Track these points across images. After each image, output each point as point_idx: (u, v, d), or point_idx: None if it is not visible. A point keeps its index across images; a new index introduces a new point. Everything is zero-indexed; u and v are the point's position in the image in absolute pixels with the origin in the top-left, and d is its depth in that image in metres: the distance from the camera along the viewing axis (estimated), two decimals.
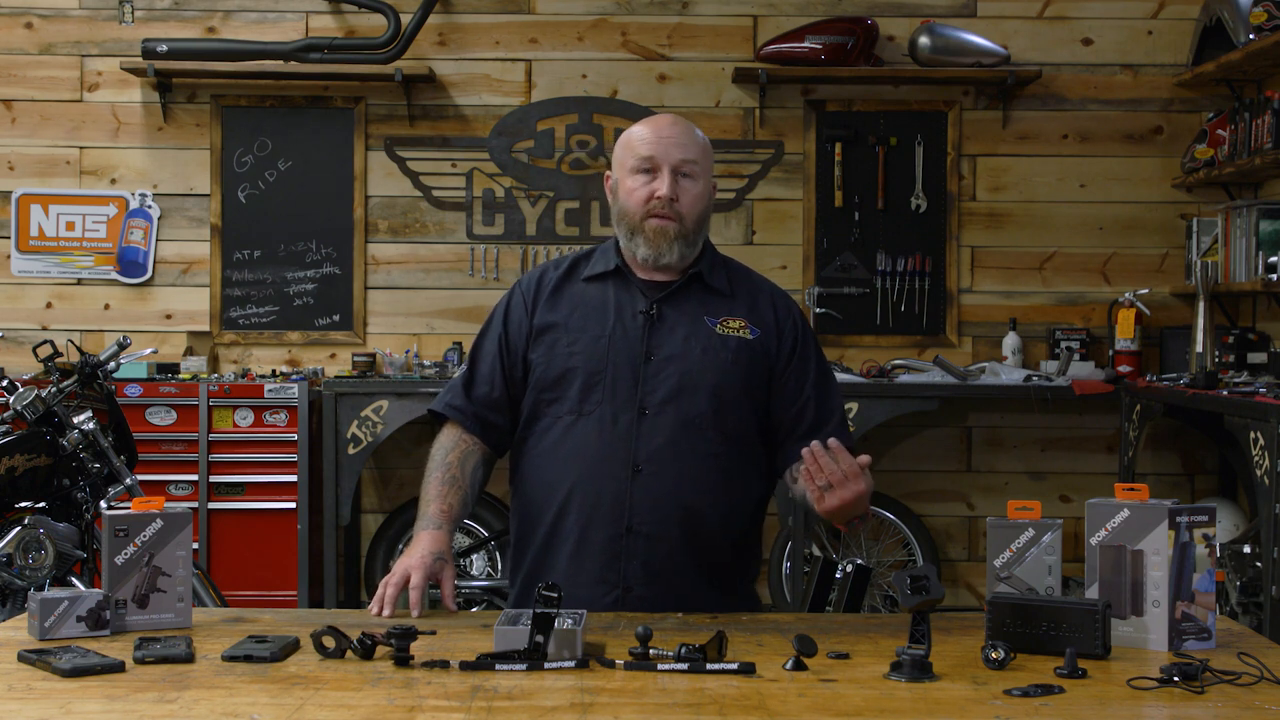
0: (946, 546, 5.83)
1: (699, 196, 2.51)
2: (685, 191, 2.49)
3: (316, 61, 5.63)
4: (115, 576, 2.15)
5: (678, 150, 2.49)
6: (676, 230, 2.48)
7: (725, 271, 2.60)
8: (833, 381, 2.61)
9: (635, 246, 2.51)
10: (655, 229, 2.48)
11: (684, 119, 2.58)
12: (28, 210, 5.79)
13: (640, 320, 2.51)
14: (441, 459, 2.53)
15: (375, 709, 1.74)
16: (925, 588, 1.91)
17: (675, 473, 2.44)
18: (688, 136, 2.52)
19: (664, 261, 2.50)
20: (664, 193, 2.47)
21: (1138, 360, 5.54)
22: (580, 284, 2.57)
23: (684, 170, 2.49)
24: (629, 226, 2.51)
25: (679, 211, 2.48)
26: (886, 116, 5.80)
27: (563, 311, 2.54)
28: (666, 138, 2.49)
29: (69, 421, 4.06)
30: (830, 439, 2.27)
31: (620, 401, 2.46)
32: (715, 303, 2.55)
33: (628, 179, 2.51)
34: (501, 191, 5.84)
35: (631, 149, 2.52)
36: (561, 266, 2.62)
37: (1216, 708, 1.76)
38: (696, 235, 2.52)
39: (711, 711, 1.73)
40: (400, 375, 5.55)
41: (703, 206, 2.52)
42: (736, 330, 2.52)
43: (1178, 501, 2.08)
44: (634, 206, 2.49)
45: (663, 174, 2.48)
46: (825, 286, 5.77)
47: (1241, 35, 5.07)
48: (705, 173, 2.53)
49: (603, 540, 2.44)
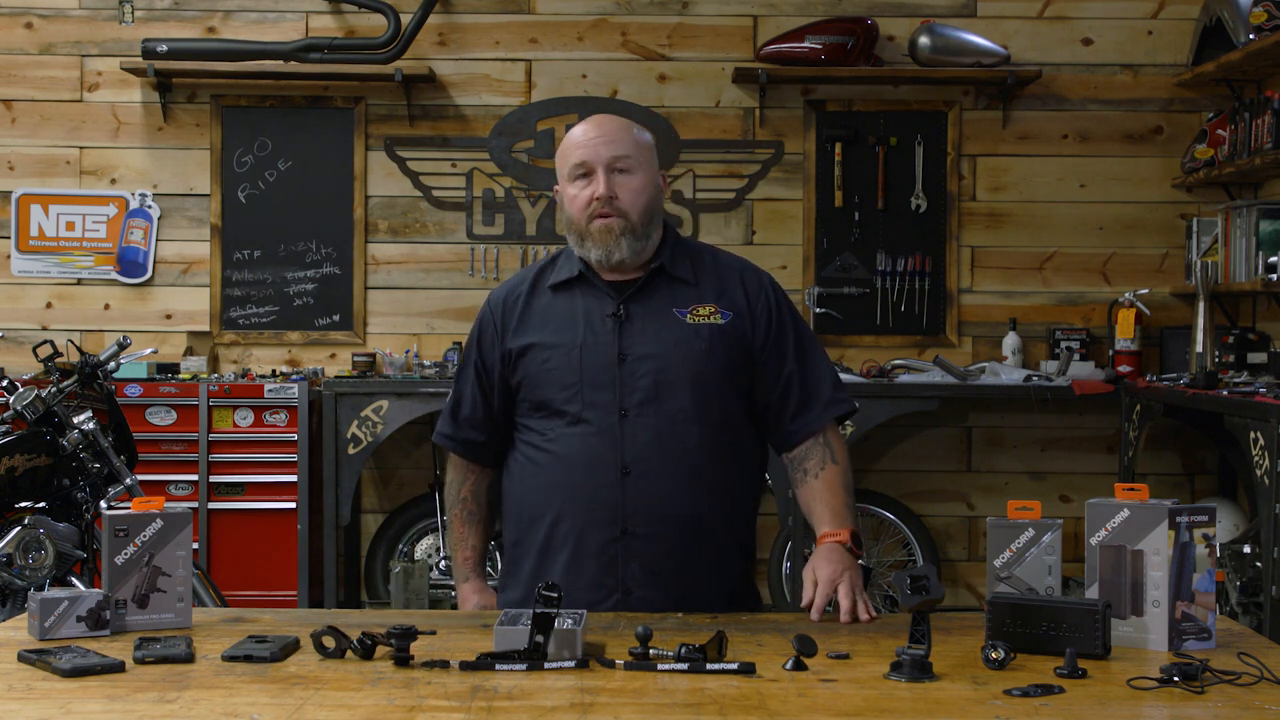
0: (946, 546, 5.83)
1: (639, 189, 2.49)
2: (623, 186, 2.48)
3: (316, 61, 5.63)
4: (115, 576, 2.15)
5: (607, 148, 2.48)
6: (621, 226, 2.47)
7: (689, 259, 2.57)
8: (816, 349, 2.59)
9: (587, 250, 2.50)
10: (600, 229, 2.47)
11: (616, 116, 2.58)
12: (28, 210, 5.79)
13: (610, 323, 2.50)
14: (455, 496, 2.69)
15: (375, 709, 1.74)
16: (925, 588, 1.91)
17: (664, 471, 2.44)
18: (618, 133, 2.51)
19: (616, 259, 2.48)
20: (601, 192, 2.46)
21: (1138, 360, 5.54)
22: (547, 295, 2.56)
23: (618, 166, 2.48)
24: (578, 232, 2.51)
25: (620, 208, 2.47)
26: (886, 116, 5.80)
27: (534, 329, 2.53)
28: (595, 139, 2.49)
29: (69, 421, 4.06)
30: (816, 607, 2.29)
31: (601, 407, 2.46)
32: (682, 293, 2.53)
33: (568, 188, 2.52)
34: (501, 191, 5.84)
35: (565, 158, 2.53)
36: (525, 281, 2.60)
37: (1216, 708, 1.76)
38: (645, 228, 2.50)
39: (711, 711, 1.73)
40: (400, 375, 5.55)
41: (646, 198, 2.50)
42: (707, 317, 2.51)
43: (1178, 501, 2.08)
44: (577, 212, 2.50)
45: (597, 175, 2.47)
46: (825, 286, 5.77)
47: (1241, 35, 5.07)
48: (643, 164, 2.51)
49: (599, 545, 2.45)
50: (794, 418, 2.54)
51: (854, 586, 2.31)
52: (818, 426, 2.54)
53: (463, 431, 2.62)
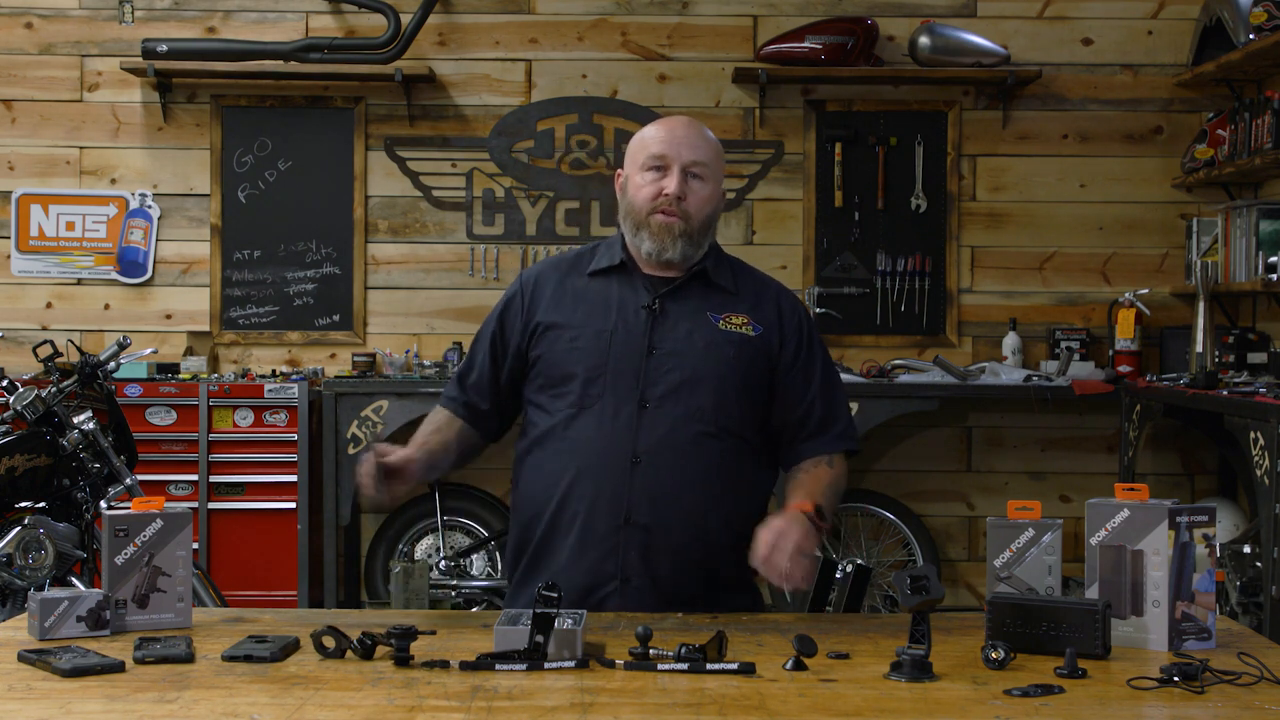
0: (946, 546, 5.83)
1: (707, 199, 2.54)
2: (694, 192, 2.52)
3: (316, 61, 5.63)
4: (115, 576, 2.15)
5: (689, 151, 2.52)
6: (681, 228, 2.51)
7: (730, 270, 2.63)
8: (838, 383, 2.63)
9: (640, 241, 2.54)
10: (660, 224, 2.51)
11: (699, 123, 2.61)
12: (28, 210, 5.79)
13: (643, 315, 2.53)
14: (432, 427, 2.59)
15: (375, 709, 1.74)
16: (925, 588, 1.91)
17: (674, 466, 2.46)
18: (701, 139, 2.55)
19: (666, 256, 2.52)
20: (672, 190, 2.50)
21: (1138, 360, 5.54)
22: (584, 279, 2.60)
23: (694, 171, 2.52)
24: (635, 221, 2.54)
25: (685, 210, 2.51)
26: (886, 116, 5.80)
27: (566, 309, 2.56)
28: (680, 138, 2.53)
29: (69, 421, 4.07)
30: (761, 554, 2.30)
31: (622, 395, 2.48)
32: (719, 299, 2.57)
33: (637, 175, 2.55)
34: (501, 191, 5.84)
35: (644, 146, 2.55)
36: (564, 262, 2.65)
37: (1216, 708, 1.76)
38: (702, 236, 2.54)
39: (711, 711, 1.73)
40: (400, 375, 5.55)
41: (710, 209, 2.55)
42: (739, 327, 2.54)
43: (1178, 501, 2.08)
44: (641, 202, 2.53)
45: (673, 172, 2.51)
46: (825, 286, 5.77)
47: (1241, 35, 5.07)
48: (715, 176, 2.56)
49: (603, 531, 2.46)
50: (807, 440, 2.57)
51: (798, 548, 2.30)
52: (826, 451, 2.57)
53: (467, 395, 2.63)
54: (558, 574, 2.40)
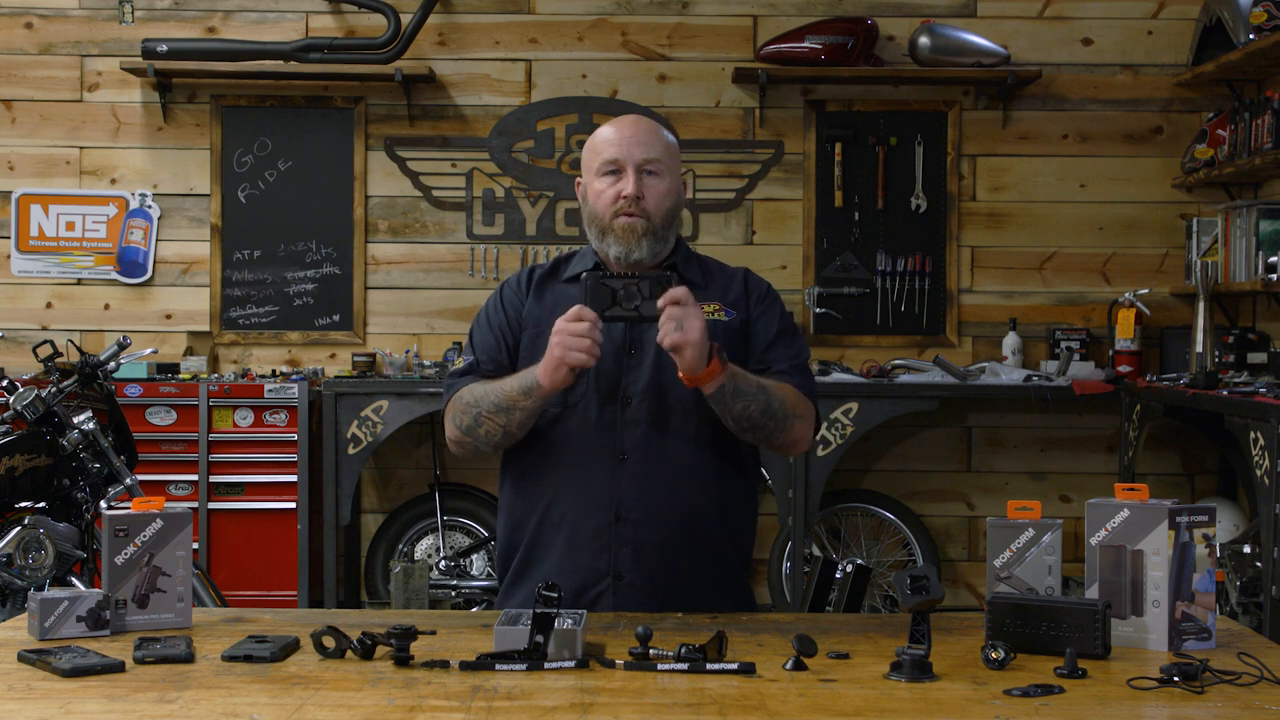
0: (946, 546, 5.83)
1: (665, 193, 2.54)
2: (651, 189, 2.52)
3: (316, 61, 5.63)
4: (115, 576, 2.15)
5: (640, 150, 2.52)
6: (644, 227, 2.51)
7: (699, 265, 2.65)
8: (798, 337, 2.63)
9: (607, 245, 2.54)
10: (624, 227, 2.51)
11: (647, 118, 2.62)
12: (28, 210, 5.79)
13: None
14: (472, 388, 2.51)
15: (375, 709, 1.74)
16: (925, 588, 1.91)
17: (661, 459, 2.47)
18: (651, 135, 2.55)
19: (634, 258, 2.52)
20: (629, 191, 2.50)
21: (1138, 360, 5.53)
22: (561, 284, 2.62)
23: (649, 168, 2.52)
24: (599, 227, 2.55)
25: (645, 209, 2.51)
26: (886, 116, 5.80)
27: (546, 310, 2.57)
28: (629, 138, 2.53)
29: (69, 421, 4.07)
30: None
31: (604, 393, 2.49)
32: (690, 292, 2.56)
33: (595, 182, 2.55)
34: (501, 191, 5.84)
35: (596, 152, 2.56)
36: (545, 267, 2.67)
37: (1216, 708, 1.76)
38: (666, 232, 2.55)
39: (711, 711, 1.73)
40: (400, 375, 5.55)
41: (670, 203, 2.55)
42: (712, 314, 2.55)
43: (1178, 501, 2.08)
44: (602, 208, 2.53)
45: (627, 174, 2.51)
46: (825, 286, 5.77)
47: (1241, 35, 5.08)
48: (670, 170, 2.56)
49: (593, 529, 2.46)
50: (765, 352, 2.56)
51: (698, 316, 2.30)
52: (781, 367, 2.54)
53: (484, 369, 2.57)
54: (549, 574, 2.40)
